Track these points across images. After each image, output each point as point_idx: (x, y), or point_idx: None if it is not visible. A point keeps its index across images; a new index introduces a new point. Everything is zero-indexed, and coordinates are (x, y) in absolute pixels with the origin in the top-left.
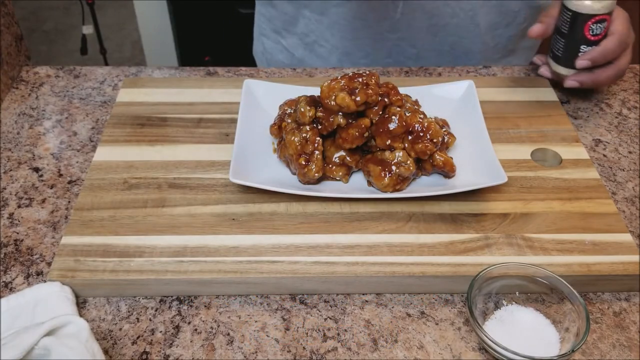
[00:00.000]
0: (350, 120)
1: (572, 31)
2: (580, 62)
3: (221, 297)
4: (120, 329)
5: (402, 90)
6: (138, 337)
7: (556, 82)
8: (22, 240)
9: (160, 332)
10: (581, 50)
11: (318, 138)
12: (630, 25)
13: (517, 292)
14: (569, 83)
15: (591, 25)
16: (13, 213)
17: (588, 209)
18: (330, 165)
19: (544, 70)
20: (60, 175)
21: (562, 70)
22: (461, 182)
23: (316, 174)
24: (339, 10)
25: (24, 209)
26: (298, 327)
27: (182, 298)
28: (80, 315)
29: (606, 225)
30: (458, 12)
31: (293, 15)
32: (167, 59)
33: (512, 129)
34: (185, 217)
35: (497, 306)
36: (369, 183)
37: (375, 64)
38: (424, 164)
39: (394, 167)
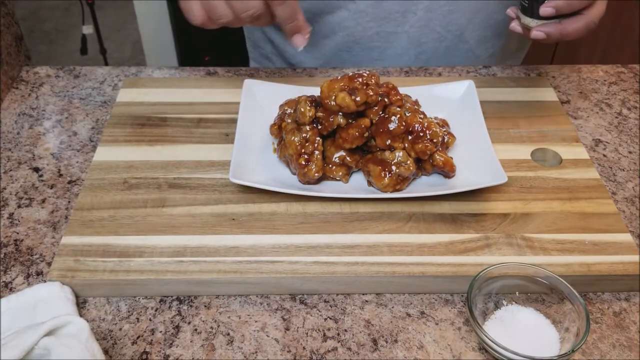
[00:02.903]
0: (350, 120)
1: None
2: (544, 10)
3: (221, 297)
4: (120, 329)
5: (402, 90)
6: (138, 337)
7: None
8: (22, 240)
9: (160, 332)
10: None
11: (318, 138)
12: None
13: (517, 292)
14: (535, 34)
15: None
16: (13, 213)
17: (588, 209)
18: (330, 165)
19: (514, 25)
20: (60, 175)
21: (529, 21)
22: (461, 182)
23: (316, 174)
24: (327, 42)
25: (24, 209)
26: (298, 327)
27: (182, 298)
28: (80, 315)
29: (606, 225)
30: (445, 35)
31: (280, 44)
32: (167, 59)
33: (512, 129)
34: (185, 217)
35: (497, 306)
36: (369, 183)
37: None
38: (424, 164)
39: (394, 167)
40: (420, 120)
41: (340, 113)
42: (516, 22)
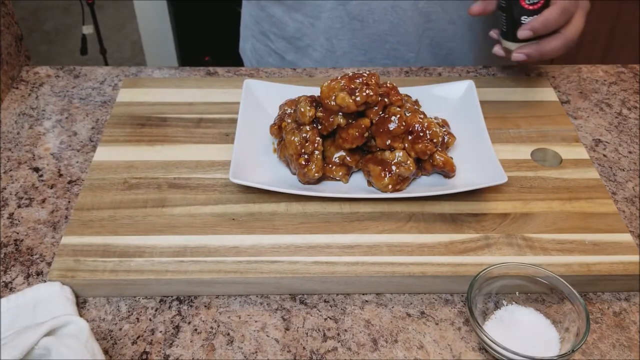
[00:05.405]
0: (350, 120)
1: (510, 3)
2: (522, 33)
3: (221, 297)
4: (120, 329)
5: (402, 90)
6: (138, 337)
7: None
8: (22, 240)
9: (160, 332)
10: (522, 22)
11: (318, 138)
12: None
13: (517, 292)
14: (515, 56)
15: None
16: (13, 213)
17: (588, 209)
18: (330, 165)
19: (497, 49)
20: (60, 175)
21: (509, 45)
22: (461, 182)
23: (316, 174)
24: (334, 14)
25: (24, 209)
26: (298, 327)
27: (182, 298)
28: (80, 315)
29: (606, 225)
30: (456, 19)
31: (281, 19)
32: (167, 59)
33: (512, 129)
34: (185, 217)
35: (497, 306)
36: (369, 183)
37: (373, 63)
38: (424, 164)
39: (394, 167)
40: (420, 120)
41: (340, 113)
42: (498, 46)
